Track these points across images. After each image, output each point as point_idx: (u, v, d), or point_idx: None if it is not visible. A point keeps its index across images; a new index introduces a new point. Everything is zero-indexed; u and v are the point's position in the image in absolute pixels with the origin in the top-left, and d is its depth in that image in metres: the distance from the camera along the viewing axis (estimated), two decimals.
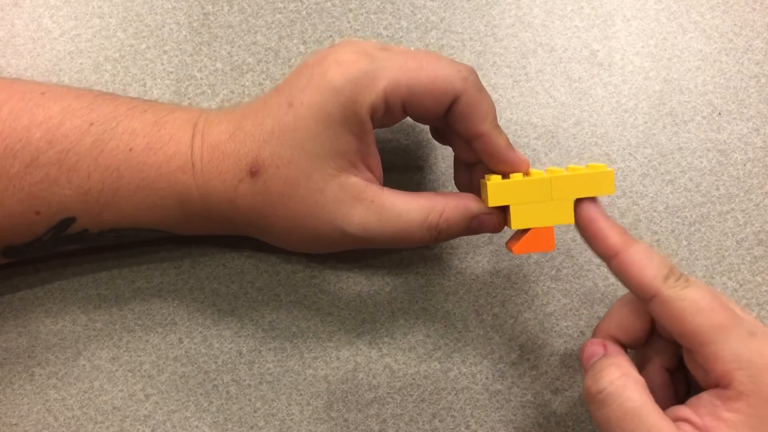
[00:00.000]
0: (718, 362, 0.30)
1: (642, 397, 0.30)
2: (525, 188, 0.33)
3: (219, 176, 0.33)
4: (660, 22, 0.44)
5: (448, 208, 0.34)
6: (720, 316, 0.30)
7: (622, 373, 0.31)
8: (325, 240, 0.34)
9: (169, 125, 0.34)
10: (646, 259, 0.31)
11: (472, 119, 0.33)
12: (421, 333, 0.39)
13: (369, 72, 0.32)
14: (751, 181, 0.41)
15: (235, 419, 0.37)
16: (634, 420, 0.29)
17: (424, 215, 0.33)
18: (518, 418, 0.37)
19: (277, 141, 0.32)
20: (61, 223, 0.34)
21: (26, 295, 0.39)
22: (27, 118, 0.33)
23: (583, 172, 0.33)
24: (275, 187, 0.33)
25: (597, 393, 0.31)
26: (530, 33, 0.43)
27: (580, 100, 0.42)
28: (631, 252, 0.32)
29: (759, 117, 0.42)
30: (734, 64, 0.43)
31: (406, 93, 0.32)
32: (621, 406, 0.30)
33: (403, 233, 0.33)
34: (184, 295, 0.39)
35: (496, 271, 0.40)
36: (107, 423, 0.37)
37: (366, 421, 0.37)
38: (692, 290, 0.31)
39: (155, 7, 0.43)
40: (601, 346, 0.33)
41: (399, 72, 0.32)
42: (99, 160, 0.33)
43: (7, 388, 0.38)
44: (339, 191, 0.33)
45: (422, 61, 0.32)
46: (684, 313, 0.30)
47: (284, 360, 0.38)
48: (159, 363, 0.38)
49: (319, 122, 0.32)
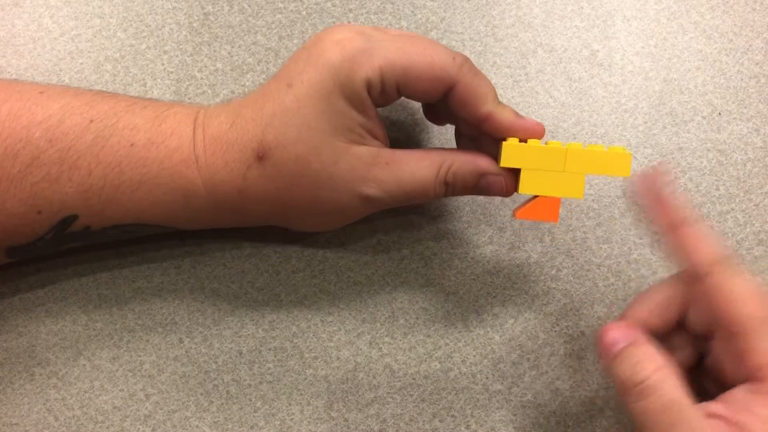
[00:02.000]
0: (759, 354, 0.30)
1: (681, 391, 0.30)
2: (539, 154, 0.33)
3: (225, 167, 0.33)
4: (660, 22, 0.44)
5: (457, 162, 0.34)
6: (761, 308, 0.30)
7: (660, 364, 0.31)
8: (345, 210, 0.34)
9: (170, 119, 0.34)
10: (709, 236, 0.32)
11: (473, 104, 0.33)
12: (421, 333, 0.39)
13: (366, 50, 0.32)
14: (751, 181, 0.41)
15: (235, 419, 0.37)
16: (674, 413, 0.29)
17: (435, 170, 0.34)
18: (518, 418, 0.37)
19: (280, 122, 0.32)
20: (63, 221, 0.34)
21: (26, 295, 0.39)
22: (26, 118, 0.33)
23: (600, 149, 0.33)
24: (286, 168, 0.33)
25: (635, 385, 0.30)
26: (530, 33, 0.43)
27: (580, 100, 0.42)
28: (697, 227, 0.32)
29: (759, 117, 0.42)
30: (734, 64, 0.43)
31: (401, 74, 0.32)
32: (660, 398, 0.29)
33: (418, 189, 0.34)
34: (185, 295, 0.39)
35: (496, 271, 0.40)
36: (107, 423, 0.37)
37: (366, 421, 0.37)
38: (746, 279, 0.31)
39: (155, 7, 0.43)
40: (626, 332, 0.32)
41: (395, 53, 0.32)
42: (100, 156, 0.33)
43: (7, 388, 0.38)
44: (353, 161, 0.33)
45: (419, 46, 0.33)
46: (736, 297, 0.30)
47: (284, 360, 0.38)
48: (159, 363, 0.38)
49: (322, 100, 0.32)
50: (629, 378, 0.31)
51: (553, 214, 0.34)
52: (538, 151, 0.33)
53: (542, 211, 0.34)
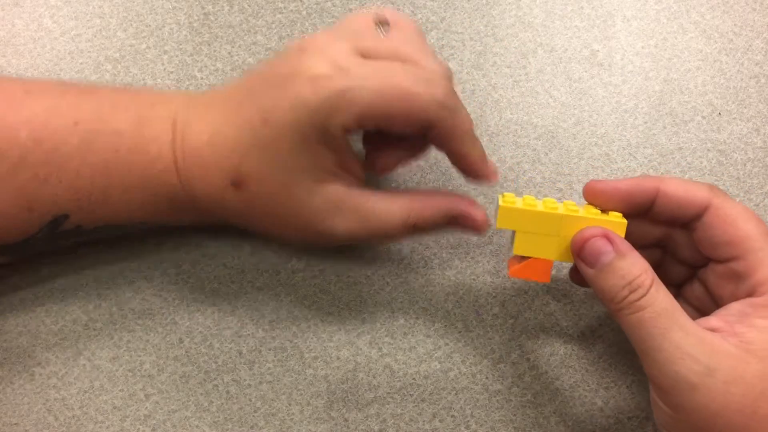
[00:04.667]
0: (762, 269, 0.31)
1: (671, 298, 0.31)
2: (534, 218, 0.33)
3: (203, 181, 0.33)
4: (660, 22, 0.44)
5: (428, 208, 0.34)
6: (766, 228, 0.32)
7: (653, 275, 0.31)
8: (314, 242, 0.35)
9: (152, 123, 0.34)
10: (687, 182, 0.33)
11: (448, 142, 0.33)
12: (421, 333, 0.39)
13: (344, 93, 0.31)
14: (751, 181, 0.41)
15: (235, 419, 0.37)
16: (670, 319, 0.30)
17: (404, 216, 0.34)
18: (518, 418, 0.37)
19: (256, 156, 0.32)
20: (54, 220, 0.34)
21: (26, 294, 0.39)
22: (12, 117, 0.33)
23: (596, 215, 0.33)
24: (259, 200, 0.33)
25: (627, 298, 0.31)
26: (530, 33, 0.43)
27: (580, 100, 0.42)
28: (670, 179, 0.33)
29: (759, 117, 0.42)
30: (734, 64, 0.43)
31: (380, 117, 0.32)
32: (655, 307, 0.30)
33: (385, 234, 0.34)
34: (184, 295, 0.39)
35: (496, 271, 0.40)
36: (107, 423, 0.37)
37: (366, 421, 0.37)
38: (739, 203, 0.32)
39: (155, 7, 0.43)
40: (607, 242, 0.32)
41: (375, 96, 0.31)
42: (87, 158, 0.33)
43: (7, 388, 0.38)
44: (321, 202, 0.33)
45: (399, 86, 0.31)
46: (736, 219, 0.32)
47: (284, 360, 0.38)
48: (159, 363, 0.38)
49: (295, 141, 0.32)
50: (617, 292, 0.31)
51: (545, 274, 0.34)
52: (533, 216, 0.33)
53: (535, 272, 0.34)
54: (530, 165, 0.42)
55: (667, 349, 0.29)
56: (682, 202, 0.33)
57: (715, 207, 0.32)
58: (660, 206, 0.34)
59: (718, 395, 0.29)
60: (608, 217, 0.33)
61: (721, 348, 0.29)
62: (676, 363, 0.29)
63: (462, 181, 0.41)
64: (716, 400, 0.29)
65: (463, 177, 0.35)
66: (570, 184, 0.41)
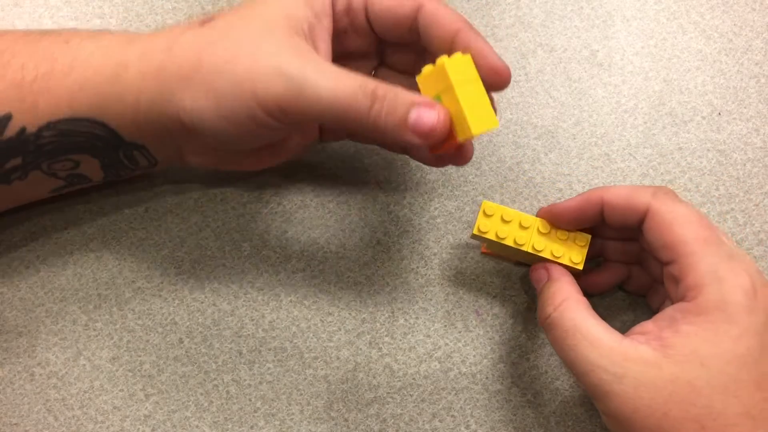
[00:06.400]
0: (693, 273, 0.31)
1: (581, 315, 0.32)
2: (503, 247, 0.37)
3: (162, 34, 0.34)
4: (660, 22, 0.44)
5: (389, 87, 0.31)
6: (706, 232, 0.32)
7: (564, 297, 0.33)
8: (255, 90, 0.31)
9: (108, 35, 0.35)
10: (630, 188, 0.34)
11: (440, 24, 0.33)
12: (421, 333, 0.39)
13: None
14: (751, 181, 0.41)
15: (235, 419, 0.37)
16: (576, 335, 0.32)
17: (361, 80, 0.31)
18: (518, 418, 0.37)
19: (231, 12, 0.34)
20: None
21: (26, 294, 0.39)
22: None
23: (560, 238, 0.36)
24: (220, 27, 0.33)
25: (545, 319, 0.34)
26: (530, 33, 0.43)
27: (580, 100, 0.42)
28: (614, 188, 0.35)
29: (759, 117, 0.42)
30: (734, 64, 0.43)
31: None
32: (563, 326, 0.32)
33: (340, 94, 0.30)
34: (184, 295, 0.39)
35: (496, 271, 0.40)
36: (107, 423, 0.37)
37: (366, 421, 0.37)
38: (682, 206, 0.33)
39: (155, 7, 0.43)
40: (544, 271, 0.36)
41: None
42: (33, 52, 0.34)
43: (7, 388, 0.38)
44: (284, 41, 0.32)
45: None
46: (673, 224, 0.32)
47: (284, 360, 0.38)
48: (159, 363, 0.38)
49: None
50: (540, 314, 0.34)
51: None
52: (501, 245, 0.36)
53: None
54: (530, 165, 0.42)
55: (580, 363, 0.31)
56: (624, 210, 0.34)
57: (652, 212, 0.33)
58: (608, 216, 0.35)
59: (628, 400, 0.30)
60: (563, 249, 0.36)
61: (634, 354, 0.30)
62: (588, 375, 0.31)
63: (462, 181, 0.41)
64: (627, 405, 0.30)
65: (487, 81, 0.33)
66: (570, 184, 0.41)
